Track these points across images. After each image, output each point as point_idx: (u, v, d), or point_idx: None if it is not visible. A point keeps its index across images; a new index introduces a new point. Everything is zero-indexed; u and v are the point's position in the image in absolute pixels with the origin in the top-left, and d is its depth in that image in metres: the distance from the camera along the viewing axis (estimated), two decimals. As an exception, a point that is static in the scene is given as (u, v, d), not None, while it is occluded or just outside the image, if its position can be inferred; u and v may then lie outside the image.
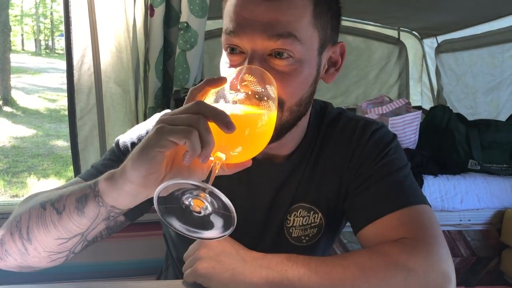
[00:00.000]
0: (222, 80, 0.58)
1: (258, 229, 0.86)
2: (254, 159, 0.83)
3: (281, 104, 0.71)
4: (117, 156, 0.82)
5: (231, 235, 0.73)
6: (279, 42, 0.68)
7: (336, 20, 0.78)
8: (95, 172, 0.80)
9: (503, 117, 2.47)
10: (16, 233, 0.68)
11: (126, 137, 0.85)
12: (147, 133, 0.83)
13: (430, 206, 0.78)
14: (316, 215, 0.85)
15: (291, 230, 0.85)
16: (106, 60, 1.87)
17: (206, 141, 0.52)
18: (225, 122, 0.52)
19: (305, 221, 0.85)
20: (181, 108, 0.56)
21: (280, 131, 0.74)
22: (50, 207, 0.66)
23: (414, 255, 0.67)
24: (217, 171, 0.57)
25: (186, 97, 0.61)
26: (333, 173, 0.84)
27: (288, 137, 0.78)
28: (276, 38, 0.68)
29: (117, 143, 0.84)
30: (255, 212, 0.85)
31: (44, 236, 0.66)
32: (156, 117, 0.88)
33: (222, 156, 0.57)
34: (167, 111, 0.87)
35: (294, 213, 0.85)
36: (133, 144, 0.82)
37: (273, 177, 0.84)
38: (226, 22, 0.72)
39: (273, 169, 0.84)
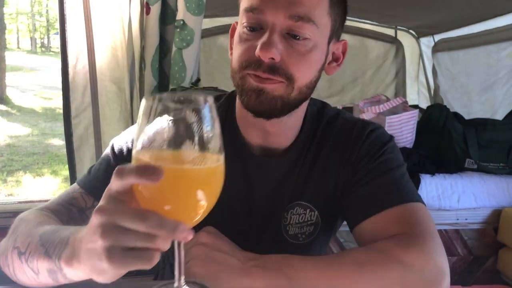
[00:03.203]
0: (158, 174, 0.46)
1: (256, 227, 0.86)
2: (251, 155, 0.83)
3: (291, 81, 0.75)
4: (113, 162, 0.83)
5: (227, 234, 0.73)
6: (299, 23, 0.73)
7: (345, 16, 0.83)
8: (95, 182, 0.81)
9: (498, 117, 2.47)
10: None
11: (121, 141, 0.85)
12: None
13: (425, 205, 0.79)
14: (313, 213, 0.86)
15: (287, 228, 0.86)
16: (101, 58, 1.86)
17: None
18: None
19: (301, 219, 0.86)
20: (130, 214, 0.48)
21: (286, 107, 0.77)
22: (25, 264, 0.65)
23: (410, 250, 0.68)
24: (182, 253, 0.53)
25: (115, 171, 0.49)
26: (330, 172, 0.85)
27: (288, 122, 0.82)
28: (297, 18, 0.72)
29: (113, 148, 0.85)
30: (252, 210, 0.85)
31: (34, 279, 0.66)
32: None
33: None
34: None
35: (291, 210, 0.85)
36: (129, 150, 0.82)
37: (270, 175, 0.85)
38: (247, 0, 0.75)
39: (271, 165, 0.85)
